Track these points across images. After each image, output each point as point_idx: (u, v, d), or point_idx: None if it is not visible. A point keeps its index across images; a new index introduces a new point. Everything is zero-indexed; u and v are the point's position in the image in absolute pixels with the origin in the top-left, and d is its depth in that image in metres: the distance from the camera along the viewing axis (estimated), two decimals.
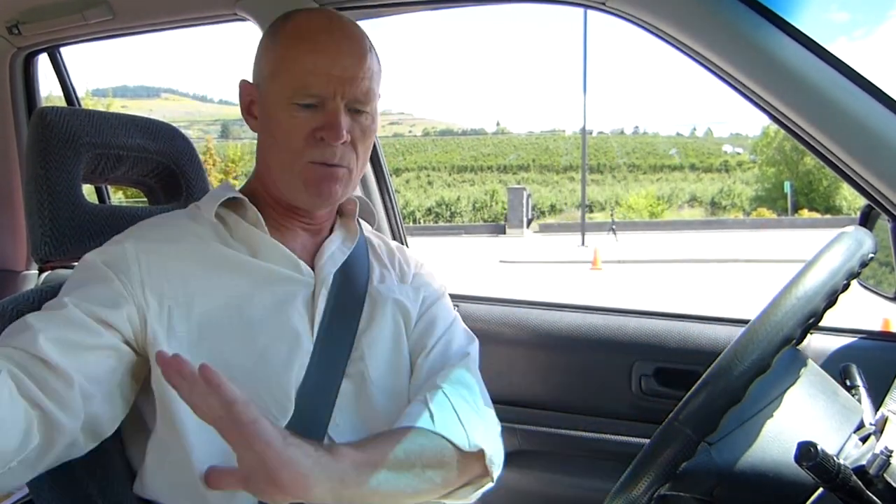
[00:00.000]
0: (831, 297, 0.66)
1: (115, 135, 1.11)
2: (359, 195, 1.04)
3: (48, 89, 2.06)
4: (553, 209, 42.00)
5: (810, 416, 0.70)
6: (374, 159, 1.63)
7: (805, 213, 30.72)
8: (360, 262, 1.00)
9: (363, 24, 1.00)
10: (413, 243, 1.67)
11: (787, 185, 34.51)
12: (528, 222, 27.45)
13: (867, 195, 0.96)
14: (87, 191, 1.13)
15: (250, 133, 0.96)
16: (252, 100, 0.95)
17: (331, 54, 0.86)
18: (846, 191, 32.67)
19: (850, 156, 0.92)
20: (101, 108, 1.18)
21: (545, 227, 29.67)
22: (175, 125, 1.26)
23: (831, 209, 33.34)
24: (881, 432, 0.68)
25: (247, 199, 0.92)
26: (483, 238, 24.63)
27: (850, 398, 0.75)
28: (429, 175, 55.76)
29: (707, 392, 0.62)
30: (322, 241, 0.99)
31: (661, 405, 1.33)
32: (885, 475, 0.61)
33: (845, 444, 0.67)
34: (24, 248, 1.92)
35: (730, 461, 0.68)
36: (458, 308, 1.10)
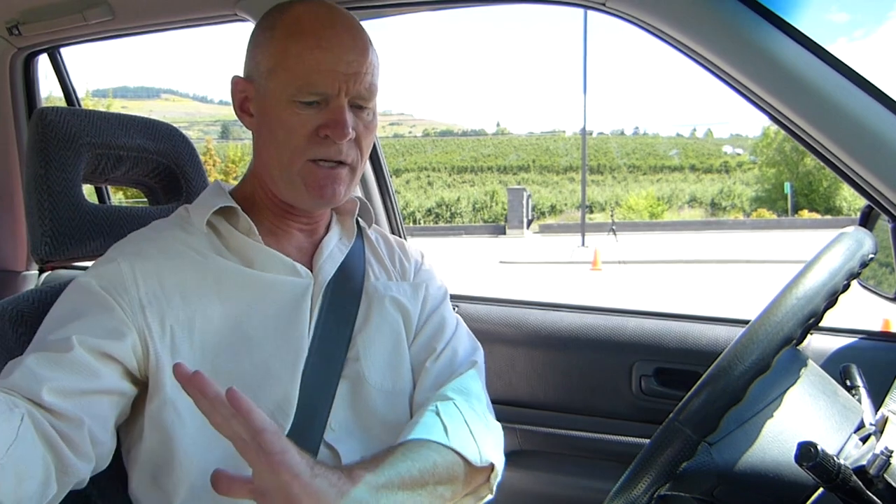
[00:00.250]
0: (831, 297, 0.66)
1: (116, 135, 1.11)
2: (358, 196, 1.02)
3: (48, 89, 2.06)
4: (553, 210, 41.99)
5: (810, 417, 0.70)
6: (375, 160, 1.63)
7: (805, 214, 30.70)
8: (356, 261, 0.99)
9: (363, 24, 1.00)
10: (413, 244, 1.67)
11: (788, 186, 34.50)
12: (528, 223, 27.44)
13: (867, 195, 0.96)
14: (87, 191, 1.13)
15: (250, 134, 0.93)
16: (247, 96, 0.91)
17: (335, 50, 0.83)
18: (846, 191, 32.68)
19: (850, 156, 0.92)
20: (101, 109, 1.17)
21: (545, 227, 29.65)
22: (175, 126, 1.26)
23: (831, 210, 33.33)
24: (881, 432, 0.68)
25: (239, 209, 0.90)
26: (483, 239, 24.62)
27: (850, 398, 0.75)
28: (429, 176, 55.76)
29: (707, 392, 0.62)
30: (319, 240, 0.97)
31: (661, 405, 1.33)
32: (885, 475, 0.61)
33: (845, 445, 0.67)
34: (24, 248, 1.92)
35: (730, 461, 0.68)
36: (458, 308, 1.10)
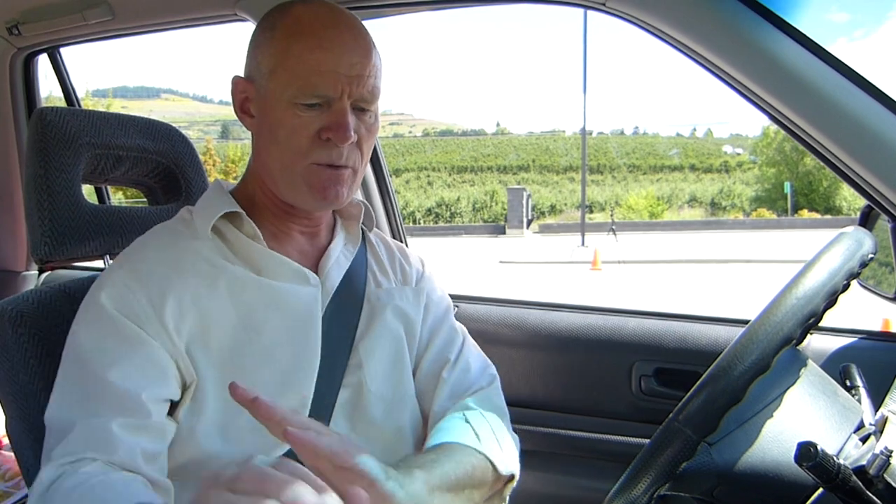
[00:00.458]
0: (831, 297, 0.66)
1: (115, 135, 1.11)
2: (361, 200, 1.01)
3: (48, 89, 2.06)
4: (553, 209, 41.99)
5: (810, 417, 0.70)
6: (375, 160, 1.63)
7: (805, 214, 30.70)
8: (359, 267, 0.98)
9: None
10: (413, 244, 1.67)
11: (787, 186, 34.49)
12: (528, 223, 27.44)
13: (867, 195, 0.96)
14: (87, 191, 1.13)
15: (250, 134, 0.92)
16: (247, 97, 0.89)
17: (337, 52, 0.82)
18: (846, 191, 32.67)
19: (850, 156, 0.92)
20: (100, 109, 1.17)
21: (545, 227, 29.65)
22: (175, 126, 1.26)
23: (831, 210, 33.32)
24: (881, 432, 0.67)
25: (244, 214, 0.88)
26: (483, 238, 24.62)
27: (850, 398, 0.75)
28: (429, 175, 55.74)
29: (707, 392, 0.62)
30: (322, 245, 0.96)
31: (661, 405, 1.33)
32: (885, 475, 0.61)
33: (845, 445, 0.67)
34: (24, 248, 1.92)
35: (730, 461, 0.68)
36: (458, 308, 1.10)
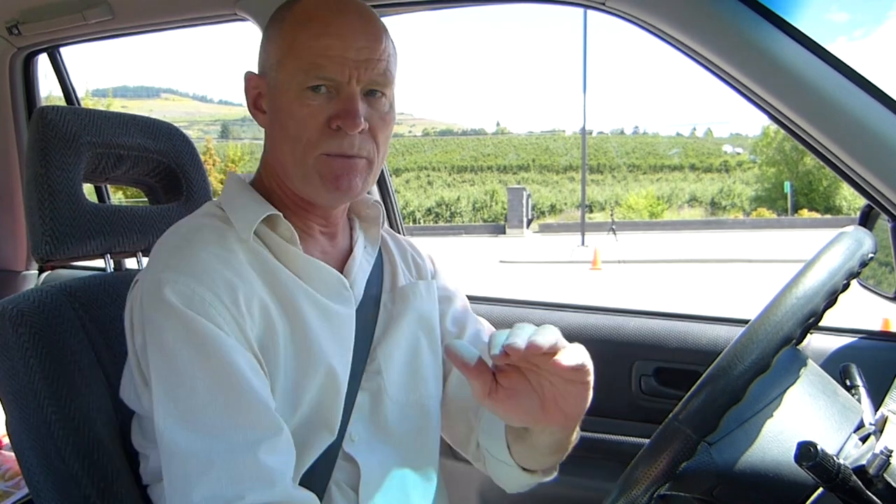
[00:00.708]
0: (831, 297, 0.66)
1: (116, 134, 1.11)
2: (375, 199, 0.98)
3: (48, 89, 2.06)
4: (553, 209, 41.99)
5: (810, 416, 0.70)
6: None
7: (805, 214, 30.71)
8: (375, 269, 0.96)
9: None
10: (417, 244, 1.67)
11: (787, 186, 34.49)
12: (528, 222, 27.44)
13: (867, 195, 0.96)
14: (87, 190, 1.13)
15: (250, 133, 0.93)
16: (259, 92, 0.88)
17: (344, 37, 0.79)
18: (846, 191, 32.69)
19: (850, 156, 0.92)
20: (101, 108, 1.17)
21: (545, 227, 29.65)
22: (175, 125, 1.26)
23: (831, 209, 33.32)
24: (881, 432, 0.67)
25: (282, 216, 0.85)
26: (483, 238, 24.63)
27: (850, 398, 0.75)
28: (429, 175, 55.73)
29: (707, 392, 0.62)
30: (341, 247, 0.94)
31: (661, 405, 1.33)
32: (885, 475, 0.61)
33: (845, 444, 0.67)
34: (24, 248, 1.93)
35: (730, 461, 0.68)
36: None
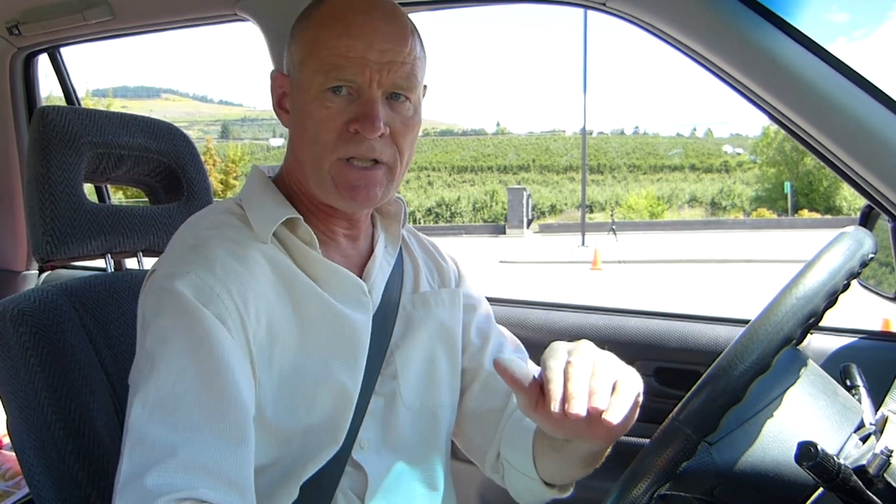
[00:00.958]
0: (831, 297, 0.66)
1: (117, 134, 1.11)
2: (398, 196, 0.94)
3: (48, 89, 2.06)
4: (553, 209, 41.98)
5: (810, 416, 0.70)
6: None
7: (805, 214, 30.71)
8: (396, 270, 0.94)
9: None
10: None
11: (788, 186, 34.50)
12: (529, 222, 27.44)
13: (867, 195, 0.96)
14: (87, 190, 1.13)
15: (250, 133, 0.93)
16: (284, 92, 0.86)
17: (366, 38, 0.77)
18: (846, 191, 32.68)
19: (850, 156, 0.92)
20: (101, 109, 1.18)
21: (545, 227, 29.66)
22: (175, 125, 1.26)
23: (831, 209, 33.33)
24: (881, 432, 0.67)
25: (302, 220, 0.84)
26: (483, 238, 24.62)
27: (850, 398, 0.75)
28: (429, 175, 55.73)
29: (707, 392, 0.62)
30: (362, 248, 0.92)
31: (661, 405, 1.33)
32: (885, 475, 0.61)
33: (845, 444, 0.67)
34: (24, 248, 1.93)
35: (730, 461, 0.67)
36: None
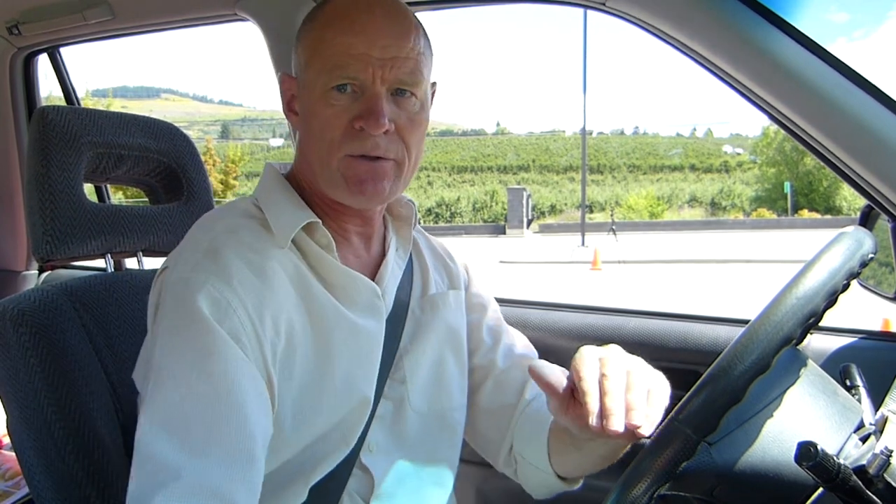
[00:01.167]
0: (831, 297, 0.66)
1: (117, 134, 1.11)
2: (408, 197, 0.95)
3: (48, 89, 2.06)
4: (553, 209, 42.01)
5: (810, 416, 0.70)
6: None
7: (805, 214, 30.71)
8: (406, 274, 0.94)
9: None
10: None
11: (787, 186, 34.51)
12: (528, 223, 27.45)
13: (867, 195, 0.96)
14: (87, 190, 1.13)
15: (250, 133, 0.93)
16: (293, 95, 0.87)
17: (369, 35, 0.78)
18: (846, 191, 32.68)
19: (850, 156, 0.92)
20: (101, 108, 1.18)
21: (545, 227, 29.67)
22: (175, 125, 1.26)
23: (831, 209, 33.33)
24: (881, 432, 0.67)
25: (321, 223, 0.84)
26: (483, 238, 24.62)
27: (850, 398, 0.75)
28: (429, 175, 55.77)
29: (707, 392, 0.62)
30: (375, 250, 0.92)
31: None
32: (885, 475, 0.61)
33: (845, 444, 0.67)
34: (24, 248, 1.93)
35: (730, 461, 0.68)
36: None
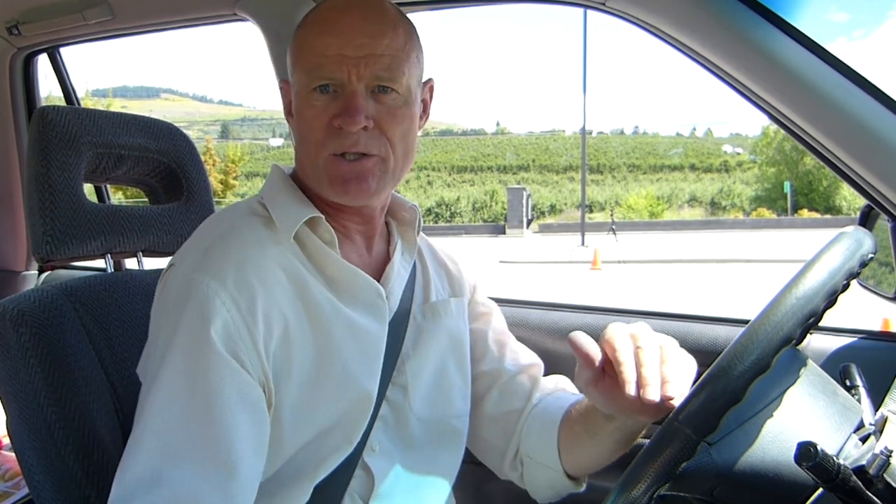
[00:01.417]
0: (831, 297, 0.66)
1: (117, 134, 1.11)
2: (412, 203, 0.97)
3: (48, 89, 2.06)
4: (553, 209, 42.01)
5: (810, 416, 0.70)
6: None
7: (805, 214, 30.72)
8: (409, 280, 0.95)
9: None
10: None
11: (787, 186, 34.52)
12: (528, 222, 27.45)
13: (867, 195, 0.96)
14: (87, 190, 1.13)
15: (250, 133, 0.94)
16: (290, 99, 0.88)
17: (344, 35, 0.79)
18: (846, 191, 32.69)
19: (850, 156, 0.92)
20: (100, 108, 1.18)
21: (545, 227, 29.67)
22: (175, 125, 1.26)
23: (831, 209, 33.34)
24: (881, 432, 0.67)
25: (324, 219, 0.85)
26: (483, 238, 24.62)
27: (850, 398, 0.75)
28: (429, 175, 55.75)
29: (707, 392, 0.62)
30: (378, 252, 0.93)
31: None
32: (884, 475, 0.61)
33: (845, 444, 0.67)
34: (24, 248, 1.93)
35: (730, 461, 0.67)
36: None
